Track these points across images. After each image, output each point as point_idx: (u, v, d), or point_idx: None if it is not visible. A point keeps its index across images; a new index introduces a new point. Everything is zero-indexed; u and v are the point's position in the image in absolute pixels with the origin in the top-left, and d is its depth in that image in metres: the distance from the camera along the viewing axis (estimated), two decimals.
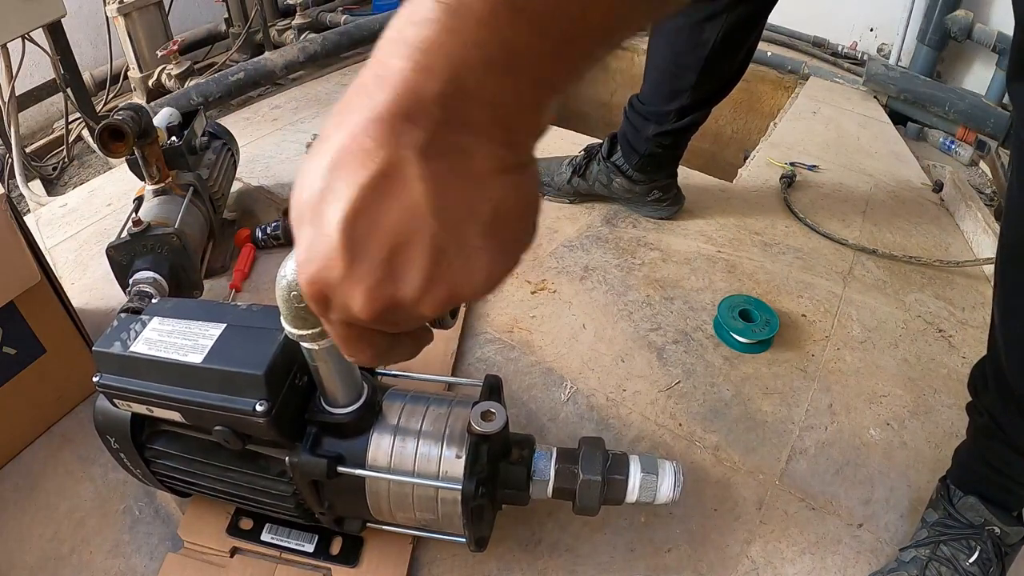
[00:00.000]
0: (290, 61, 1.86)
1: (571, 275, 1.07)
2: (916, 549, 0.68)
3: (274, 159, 1.41)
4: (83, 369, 0.85)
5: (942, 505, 0.70)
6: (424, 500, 0.59)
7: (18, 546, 0.71)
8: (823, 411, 0.86)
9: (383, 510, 0.61)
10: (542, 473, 0.60)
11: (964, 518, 0.68)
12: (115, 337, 0.57)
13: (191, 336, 0.56)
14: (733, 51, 0.97)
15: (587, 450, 0.60)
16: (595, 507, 0.60)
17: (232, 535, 0.70)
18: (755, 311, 0.96)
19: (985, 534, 0.66)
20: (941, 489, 0.72)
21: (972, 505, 0.68)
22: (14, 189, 1.53)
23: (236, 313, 0.58)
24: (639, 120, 1.08)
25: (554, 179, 1.21)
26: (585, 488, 0.59)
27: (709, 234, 1.17)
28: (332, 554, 0.68)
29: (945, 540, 0.67)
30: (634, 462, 0.60)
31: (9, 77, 1.50)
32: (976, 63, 1.71)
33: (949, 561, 0.66)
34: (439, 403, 0.62)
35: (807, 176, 1.36)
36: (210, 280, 1.03)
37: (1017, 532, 0.67)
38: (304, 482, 0.58)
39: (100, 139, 0.88)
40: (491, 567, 0.69)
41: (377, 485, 0.59)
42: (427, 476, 0.58)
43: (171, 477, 0.65)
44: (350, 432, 0.59)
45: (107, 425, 0.63)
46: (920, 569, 0.66)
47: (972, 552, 0.66)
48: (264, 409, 0.52)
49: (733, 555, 0.70)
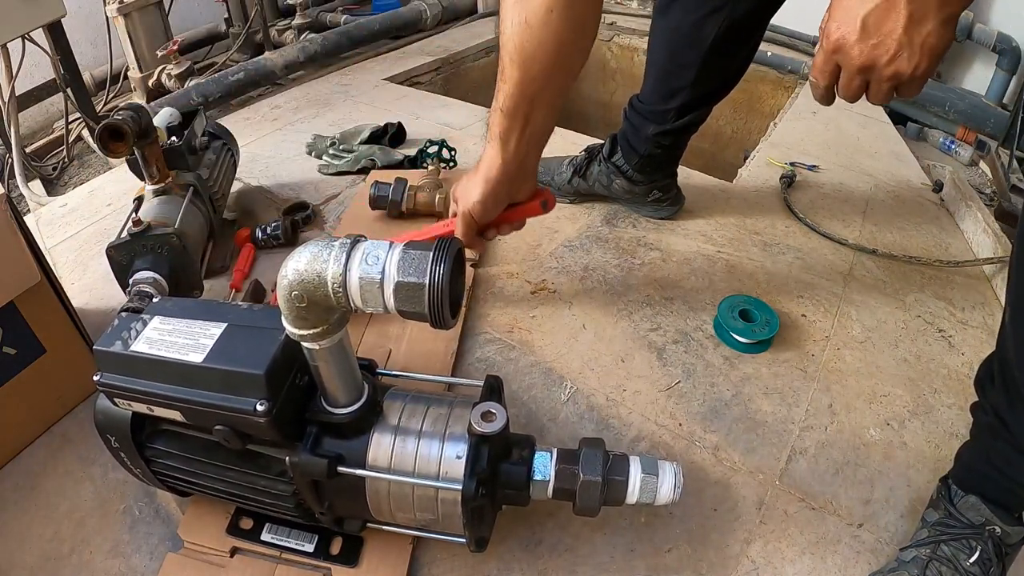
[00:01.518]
0: (290, 61, 1.86)
1: (571, 275, 1.07)
2: (916, 549, 0.68)
3: (274, 159, 1.41)
4: (83, 369, 0.85)
5: (943, 505, 0.70)
6: (424, 500, 0.59)
7: (18, 546, 0.71)
8: (823, 411, 0.86)
9: (383, 510, 0.61)
10: (542, 474, 0.60)
11: (965, 518, 0.67)
12: (116, 336, 0.57)
13: (192, 335, 0.56)
14: (734, 49, 0.97)
15: (587, 451, 0.60)
16: (595, 508, 0.60)
17: (232, 535, 0.70)
18: (755, 311, 0.96)
19: (986, 534, 0.66)
20: (942, 489, 0.72)
21: (973, 505, 0.67)
22: (14, 189, 1.54)
23: (237, 313, 0.58)
24: (639, 120, 1.08)
25: (554, 179, 1.21)
26: (585, 489, 0.59)
27: (709, 234, 1.17)
28: (332, 554, 0.68)
29: (946, 540, 0.67)
30: (634, 463, 0.60)
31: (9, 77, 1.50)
32: (976, 63, 1.71)
33: (950, 561, 0.66)
34: (439, 403, 0.62)
35: (807, 176, 1.36)
36: (210, 280, 1.03)
37: (1018, 532, 0.66)
38: (304, 482, 0.58)
39: (100, 139, 0.88)
40: (491, 567, 0.69)
41: (377, 485, 0.59)
42: (427, 476, 0.58)
43: (171, 476, 0.65)
44: (350, 432, 0.59)
45: (107, 424, 0.63)
46: (920, 569, 0.66)
47: (973, 552, 0.65)
48: (265, 409, 0.52)
49: (733, 555, 0.70)
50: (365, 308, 0.46)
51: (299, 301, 0.46)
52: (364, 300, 0.45)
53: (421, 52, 2.04)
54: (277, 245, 1.12)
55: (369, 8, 2.48)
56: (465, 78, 2.08)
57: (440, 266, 0.44)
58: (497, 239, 0.92)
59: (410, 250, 0.46)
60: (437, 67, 2.00)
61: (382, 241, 0.47)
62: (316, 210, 1.22)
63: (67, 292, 0.82)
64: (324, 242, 0.47)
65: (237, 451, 0.58)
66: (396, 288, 0.44)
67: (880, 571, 0.69)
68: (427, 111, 1.62)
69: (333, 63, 1.99)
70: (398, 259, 0.45)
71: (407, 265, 0.45)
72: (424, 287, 0.44)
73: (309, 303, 0.47)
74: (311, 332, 0.49)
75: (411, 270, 0.44)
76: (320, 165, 1.38)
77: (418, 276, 0.44)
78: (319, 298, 0.46)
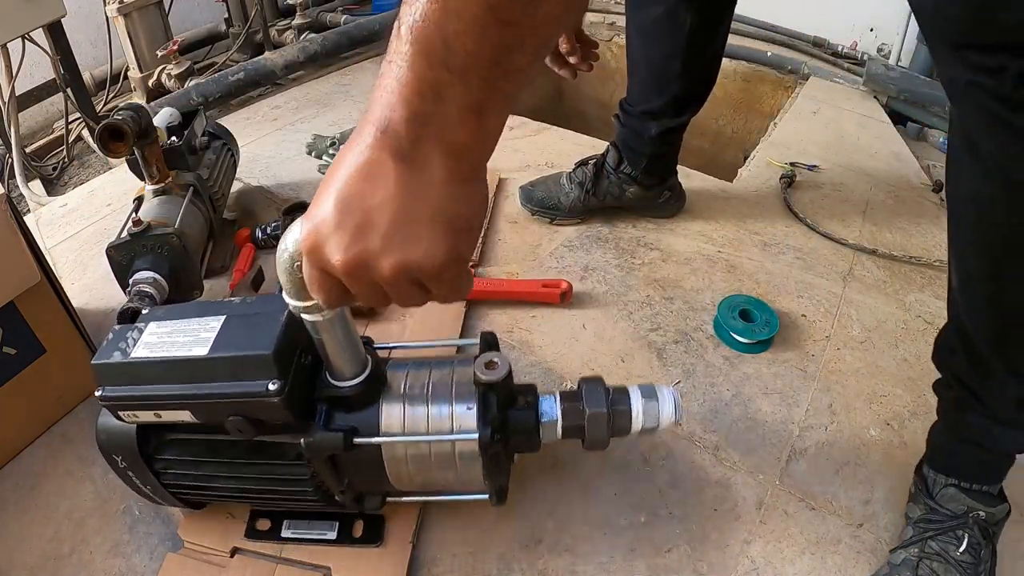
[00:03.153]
0: (290, 61, 1.86)
1: (571, 275, 1.07)
2: (905, 550, 0.67)
3: (274, 159, 1.41)
4: (83, 369, 0.85)
5: (922, 499, 0.69)
6: (442, 457, 0.60)
7: (18, 546, 0.71)
8: (823, 411, 0.86)
9: (402, 477, 0.62)
10: (549, 415, 0.61)
11: (946, 509, 0.67)
12: (113, 348, 0.57)
13: (191, 332, 0.56)
14: (711, 30, 0.97)
15: (588, 387, 0.62)
16: (605, 439, 0.61)
17: (252, 538, 0.70)
18: (755, 311, 0.96)
19: (970, 521, 0.65)
20: (918, 482, 0.71)
21: (953, 496, 0.67)
22: (14, 189, 1.53)
23: (233, 306, 0.58)
24: (636, 122, 1.07)
25: (561, 202, 1.17)
26: (593, 422, 0.60)
27: (709, 234, 1.17)
28: (355, 537, 0.69)
29: (932, 535, 0.66)
30: (634, 392, 0.61)
31: (9, 77, 1.50)
32: None
33: (939, 555, 0.65)
34: (440, 365, 0.63)
35: (807, 176, 1.36)
36: (210, 280, 1.03)
37: (1001, 509, 0.66)
38: (322, 460, 0.58)
39: (100, 139, 0.88)
40: (491, 567, 0.69)
41: (394, 451, 0.60)
42: (442, 433, 0.59)
43: (184, 486, 0.64)
44: (359, 404, 0.60)
45: (112, 444, 0.62)
46: (912, 570, 0.65)
47: (961, 542, 0.65)
48: (277, 388, 0.53)
49: (733, 555, 0.70)
50: None
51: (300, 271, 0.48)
52: None
53: None
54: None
55: (369, 8, 2.48)
56: None
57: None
58: (497, 239, 0.93)
59: None
60: None
61: None
62: None
63: (67, 292, 0.82)
64: None
65: (250, 445, 0.59)
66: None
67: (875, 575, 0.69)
68: None
69: (333, 63, 1.98)
70: None
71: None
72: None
73: None
74: (314, 303, 0.50)
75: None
76: (320, 165, 1.38)
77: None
78: None
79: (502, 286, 1.01)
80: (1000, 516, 0.66)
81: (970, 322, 0.61)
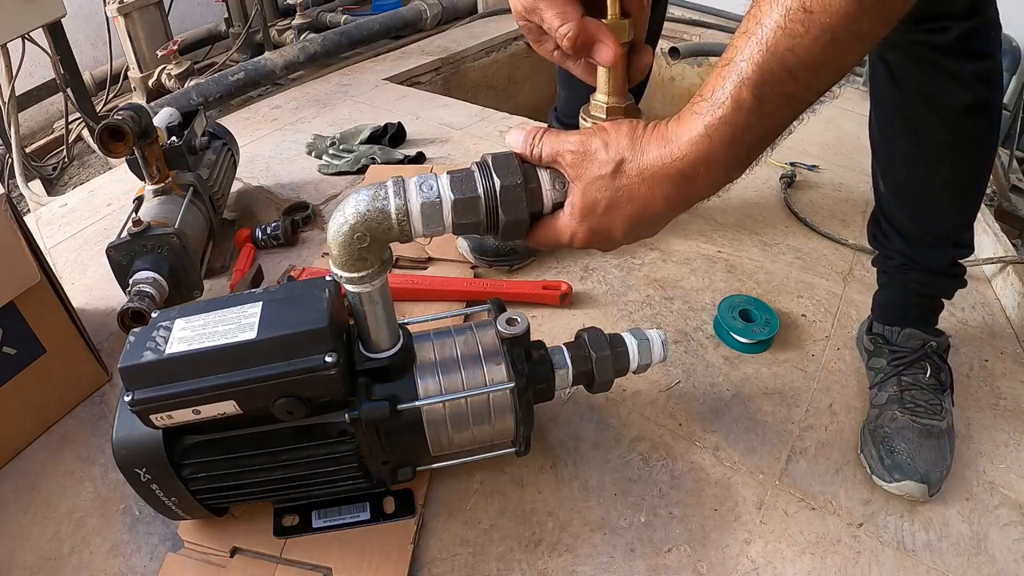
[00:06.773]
0: (290, 61, 1.86)
1: (571, 275, 1.07)
2: (883, 390, 0.81)
3: (274, 159, 1.41)
4: (83, 369, 0.85)
5: (885, 350, 0.84)
6: (479, 412, 0.64)
7: (18, 546, 0.71)
8: (823, 411, 0.86)
9: (441, 439, 0.65)
10: (561, 364, 0.68)
11: (907, 347, 0.83)
12: (140, 349, 0.54)
13: (231, 321, 0.56)
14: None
15: (590, 335, 0.69)
16: (610, 380, 0.68)
17: (281, 535, 0.70)
18: (755, 311, 0.96)
19: (928, 350, 0.81)
20: (875, 339, 0.86)
21: (911, 335, 0.83)
22: (14, 189, 1.54)
23: (260, 295, 0.59)
24: None
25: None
26: (600, 364, 0.67)
27: (709, 234, 1.17)
28: (388, 513, 0.71)
29: (902, 370, 0.81)
30: (627, 335, 0.70)
31: (9, 77, 1.50)
32: None
33: (913, 384, 0.80)
34: (461, 331, 0.67)
35: (807, 176, 1.36)
36: (210, 280, 1.03)
37: (943, 340, 0.83)
38: (369, 431, 0.60)
39: (100, 139, 0.88)
40: (491, 567, 0.69)
41: (434, 413, 0.63)
42: (477, 388, 0.63)
43: (213, 489, 0.63)
44: (395, 374, 0.62)
45: (135, 456, 0.59)
46: (899, 403, 0.78)
47: (926, 369, 0.80)
48: (334, 359, 0.54)
49: (733, 555, 0.70)
50: (425, 231, 0.51)
51: (361, 242, 0.51)
52: (426, 223, 0.50)
53: (421, 52, 2.04)
54: (277, 245, 1.12)
55: (369, 8, 2.48)
56: (465, 78, 2.08)
57: (487, 181, 0.49)
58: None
59: (454, 173, 0.51)
60: (437, 67, 2.00)
61: (423, 174, 0.52)
62: (316, 210, 1.22)
63: (67, 292, 0.82)
64: (372, 187, 0.51)
65: (292, 430, 0.60)
66: (454, 205, 0.49)
67: (869, 421, 0.80)
68: (427, 111, 1.62)
69: (333, 63, 1.99)
70: (448, 182, 0.50)
71: (457, 185, 0.50)
72: (480, 198, 0.49)
73: (371, 241, 0.51)
74: (367, 272, 0.53)
75: (463, 188, 0.50)
76: (320, 165, 1.38)
77: (471, 191, 0.49)
78: (381, 233, 0.51)
79: (503, 288, 1.01)
80: (945, 344, 0.83)
81: (895, 208, 0.80)
